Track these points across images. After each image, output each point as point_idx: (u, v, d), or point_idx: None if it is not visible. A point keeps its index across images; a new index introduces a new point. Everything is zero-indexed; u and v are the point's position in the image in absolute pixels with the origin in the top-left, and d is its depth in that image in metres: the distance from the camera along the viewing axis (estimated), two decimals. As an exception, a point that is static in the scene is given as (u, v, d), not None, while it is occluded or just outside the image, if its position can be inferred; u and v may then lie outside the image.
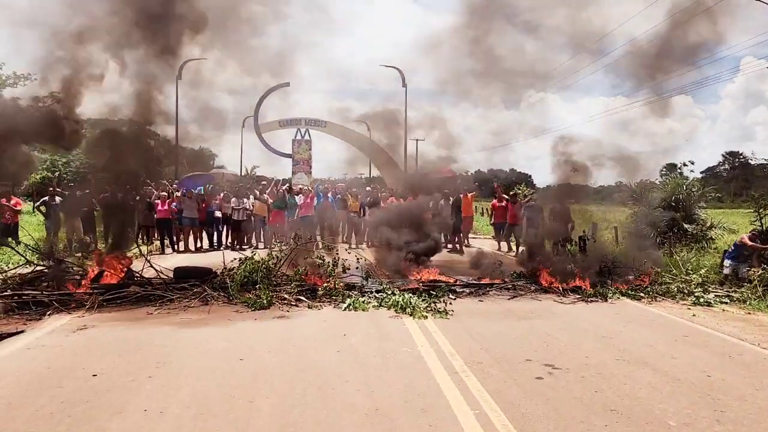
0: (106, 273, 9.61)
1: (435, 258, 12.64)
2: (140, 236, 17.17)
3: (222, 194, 18.09)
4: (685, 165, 21.23)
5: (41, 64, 11.07)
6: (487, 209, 26.72)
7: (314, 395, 5.19)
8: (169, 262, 12.36)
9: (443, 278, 11.01)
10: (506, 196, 18.61)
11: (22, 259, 10.80)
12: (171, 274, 10.04)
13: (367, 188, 22.73)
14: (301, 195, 18.51)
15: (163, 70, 11.81)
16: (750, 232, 12.28)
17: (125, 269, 9.82)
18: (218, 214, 17.15)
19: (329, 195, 19.31)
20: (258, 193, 18.30)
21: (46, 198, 16.66)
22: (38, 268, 10.08)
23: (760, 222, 13.60)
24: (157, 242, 16.64)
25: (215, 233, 17.42)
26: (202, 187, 21.35)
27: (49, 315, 8.16)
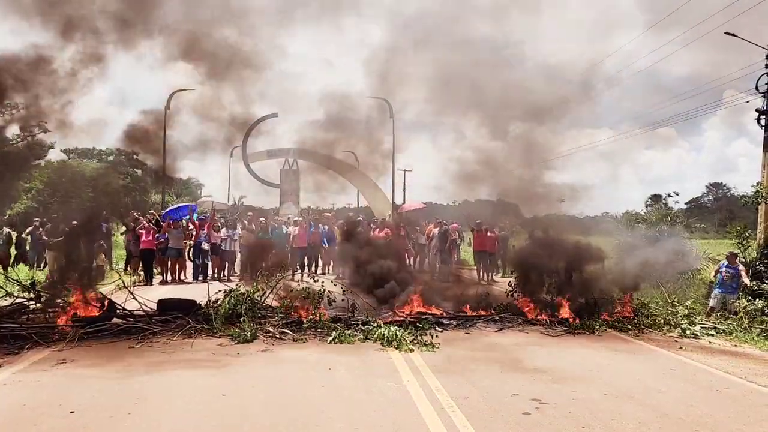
0: (82, 306, 9.42)
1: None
2: (128, 267, 16.99)
3: (208, 223, 17.80)
4: (669, 196, 21.55)
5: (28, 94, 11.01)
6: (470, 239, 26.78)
7: (297, 432, 5.08)
8: (154, 293, 12.19)
9: (429, 310, 10.94)
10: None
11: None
12: (154, 307, 9.90)
13: (359, 218, 22.73)
14: (293, 226, 18.43)
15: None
16: (728, 252, 12.26)
17: (96, 303, 9.61)
18: (206, 246, 16.86)
19: (319, 226, 19.22)
20: (246, 223, 18.21)
21: (30, 228, 16.51)
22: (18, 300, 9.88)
23: (744, 254, 13.71)
24: (142, 273, 16.42)
25: (201, 265, 17.08)
26: (187, 216, 21.14)
27: (27, 349, 7.97)
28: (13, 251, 16.85)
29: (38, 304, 9.80)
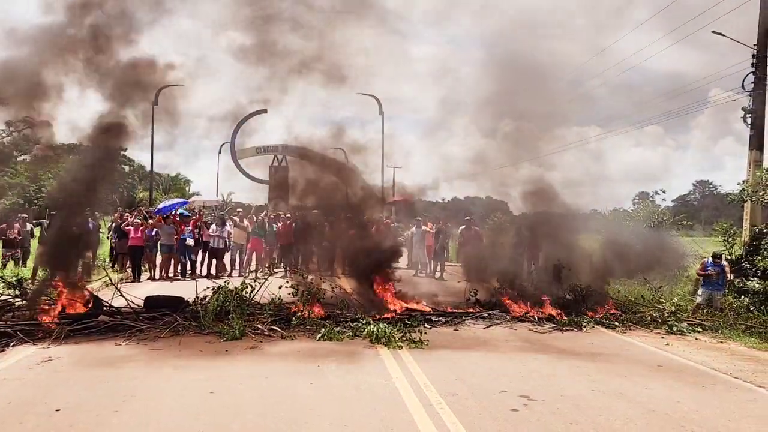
0: (68, 303, 9.34)
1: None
2: (115, 264, 16.84)
3: (192, 220, 17.67)
4: (657, 193, 21.64)
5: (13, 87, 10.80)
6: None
7: (286, 430, 5.06)
8: (141, 290, 12.11)
9: (419, 307, 10.95)
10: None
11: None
12: (142, 304, 9.83)
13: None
14: (279, 222, 18.35)
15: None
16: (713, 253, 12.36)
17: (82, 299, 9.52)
18: (190, 241, 16.75)
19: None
20: (237, 220, 18.12)
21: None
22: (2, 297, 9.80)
23: (729, 251, 13.83)
24: (129, 270, 16.29)
25: (188, 261, 16.96)
26: (177, 210, 21.03)
27: (12, 346, 7.90)
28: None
29: (24, 301, 9.72)
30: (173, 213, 18.14)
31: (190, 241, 16.66)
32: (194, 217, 17.87)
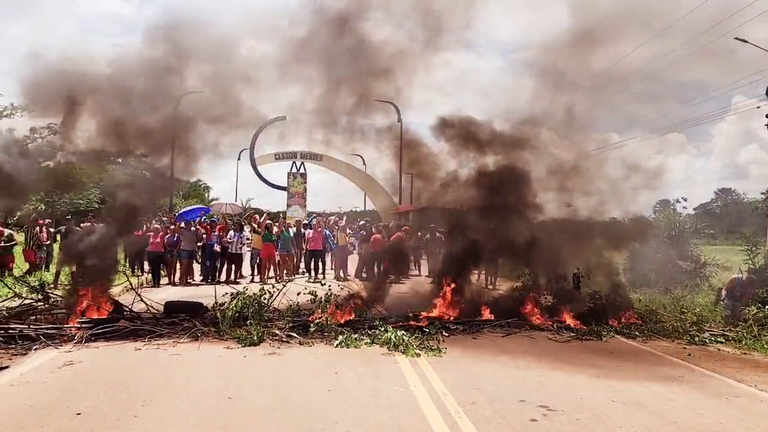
0: (91, 307, 9.46)
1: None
2: (136, 268, 17.01)
3: (220, 225, 17.88)
4: (678, 201, 21.35)
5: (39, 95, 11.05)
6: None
7: (303, 437, 5.07)
8: (161, 295, 12.22)
9: (436, 314, 10.91)
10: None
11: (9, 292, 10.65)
12: (162, 309, 9.93)
13: (361, 222, 22.80)
14: (308, 229, 18.63)
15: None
16: (747, 273, 12.26)
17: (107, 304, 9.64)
18: (217, 248, 16.90)
19: (326, 230, 19.32)
20: (255, 226, 18.28)
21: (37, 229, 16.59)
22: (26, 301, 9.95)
23: (752, 261, 13.62)
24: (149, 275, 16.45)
25: (211, 267, 17.10)
26: (197, 218, 21.30)
27: (35, 350, 8.01)
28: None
29: (46, 305, 9.88)
30: (201, 218, 18.39)
31: (217, 247, 16.81)
32: (220, 223, 18.09)
